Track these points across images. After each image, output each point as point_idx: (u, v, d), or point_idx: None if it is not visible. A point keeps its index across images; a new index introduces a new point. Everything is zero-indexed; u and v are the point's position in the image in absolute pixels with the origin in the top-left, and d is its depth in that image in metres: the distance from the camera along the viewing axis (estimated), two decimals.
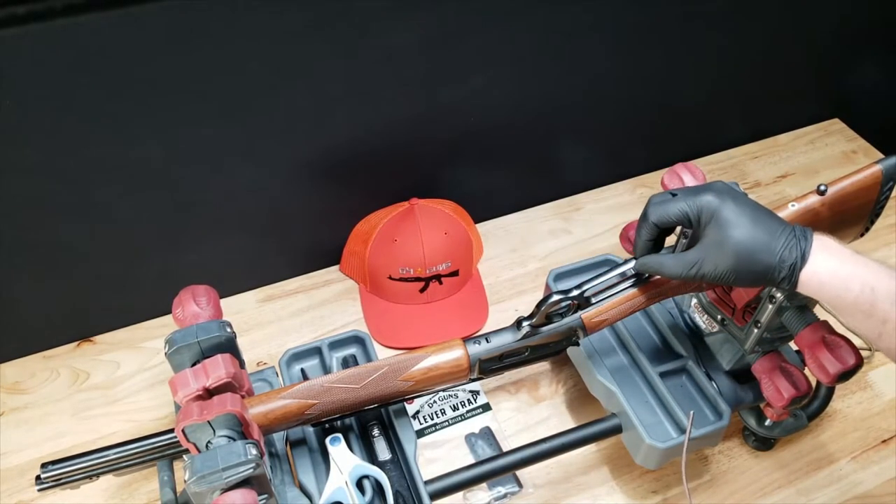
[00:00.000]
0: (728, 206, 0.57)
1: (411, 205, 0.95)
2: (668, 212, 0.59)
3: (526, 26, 0.87)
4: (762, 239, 0.56)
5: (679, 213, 0.59)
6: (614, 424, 0.74)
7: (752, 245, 0.56)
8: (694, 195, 0.59)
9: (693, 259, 0.58)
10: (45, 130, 0.72)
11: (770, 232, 0.56)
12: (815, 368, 0.69)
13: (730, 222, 0.56)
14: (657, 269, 0.62)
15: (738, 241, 0.56)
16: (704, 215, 0.58)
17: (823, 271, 0.54)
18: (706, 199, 0.58)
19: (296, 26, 0.75)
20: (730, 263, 0.56)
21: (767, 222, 0.57)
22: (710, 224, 0.57)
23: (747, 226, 0.56)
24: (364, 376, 0.64)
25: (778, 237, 0.56)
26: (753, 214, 0.57)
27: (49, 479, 0.61)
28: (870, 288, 0.52)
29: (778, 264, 0.55)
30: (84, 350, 0.93)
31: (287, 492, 0.67)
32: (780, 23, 1.06)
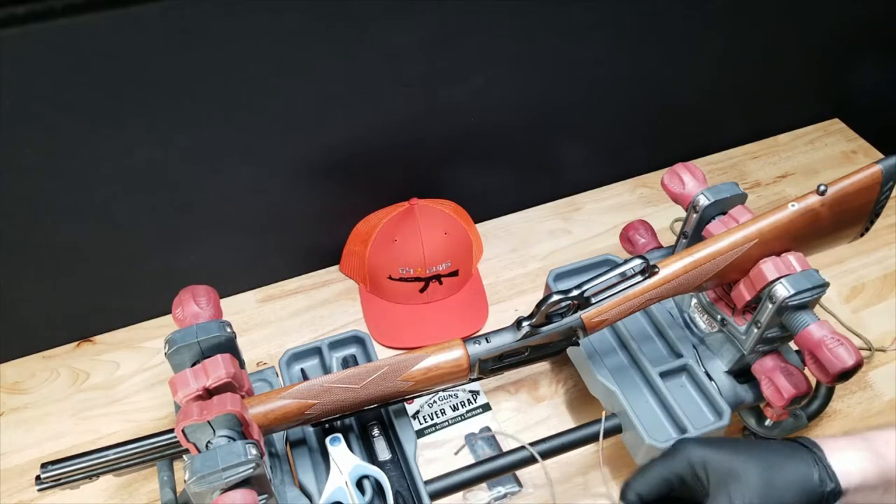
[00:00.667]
0: (713, 445, 0.53)
1: (411, 205, 0.95)
2: (649, 482, 0.54)
3: (526, 26, 0.87)
4: (770, 450, 0.52)
5: (664, 471, 0.54)
6: (614, 424, 0.74)
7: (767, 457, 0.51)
8: (670, 456, 0.54)
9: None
10: (45, 130, 0.72)
11: (771, 444, 0.53)
12: (814, 368, 0.69)
13: (727, 455, 0.52)
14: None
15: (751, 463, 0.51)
16: (698, 467, 0.52)
17: (850, 459, 0.52)
18: (688, 453, 0.53)
19: (296, 26, 0.75)
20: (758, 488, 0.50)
21: (766, 444, 0.53)
22: (710, 471, 0.52)
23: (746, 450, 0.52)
24: (364, 376, 0.64)
25: (780, 446, 0.52)
26: (741, 442, 0.54)
27: (49, 480, 0.61)
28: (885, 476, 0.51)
29: (807, 462, 0.51)
30: (84, 350, 0.93)
31: (287, 492, 0.67)
32: (780, 23, 1.06)
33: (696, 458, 0.52)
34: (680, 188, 0.76)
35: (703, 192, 0.73)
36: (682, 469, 0.53)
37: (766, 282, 0.67)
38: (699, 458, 0.52)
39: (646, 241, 0.86)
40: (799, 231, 0.67)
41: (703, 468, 0.52)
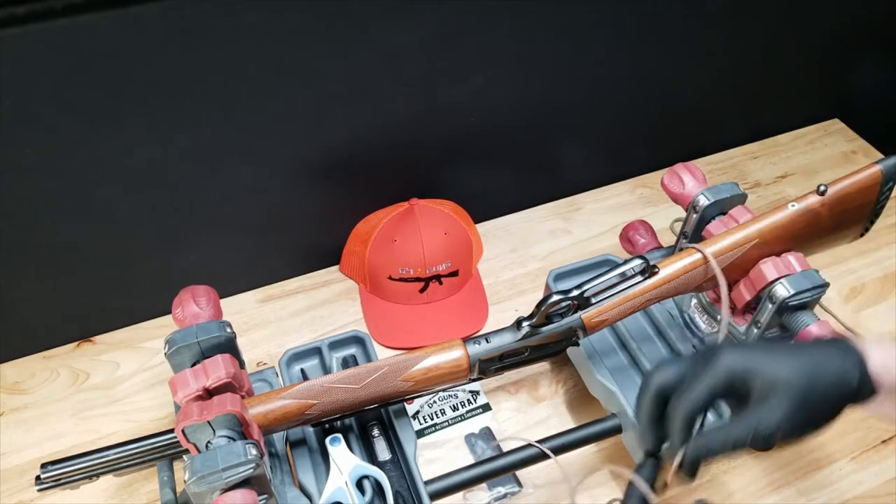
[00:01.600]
0: (755, 354, 0.51)
1: (411, 205, 0.95)
2: (697, 399, 0.51)
3: (526, 26, 0.87)
4: (810, 356, 0.50)
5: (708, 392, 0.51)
6: (614, 424, 0.74)
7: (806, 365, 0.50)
8: (708, 362, 0.51)
9: (749, 426, 0.49)
10: (45, 130, 0.72)
11: (812, 347, 0.51)
12: None
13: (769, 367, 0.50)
14: (710, 451, 0.51)
15: (791, 374, 0.49)
16: (738, 378, 0.50)
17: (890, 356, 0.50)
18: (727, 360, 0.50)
19: (296, 26, 0.75)
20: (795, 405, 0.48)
21: (803, 345, 0.52)
22: (750, 383, 0.50)
23: (787, 356, 0.50)
24: (364, 376, 0.64)
25: (823, 347, 0.51)
26: (781, 345, 0.52)
27: (49, 480, 0.61)
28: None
29: (842, 368, 0.49)
30: (84, 350, 0.93)
31: (287, 492, 0.67)
32: (779, 23, 1.06)
33: (738, 369, 0.50)
34: (680, 188, 0.76)
35: (703, 193, 0.73)
36: (725, 381, 0.50)
37: (766, 282, 0.67)
38: (741, 368, 0.50)
39: (646, 242, 0.86)
40: (799, 231, 0.67)
41: (743, 379, 0.50)
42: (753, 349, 0.52)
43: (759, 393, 0.49)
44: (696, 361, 0.52)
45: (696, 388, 0.50)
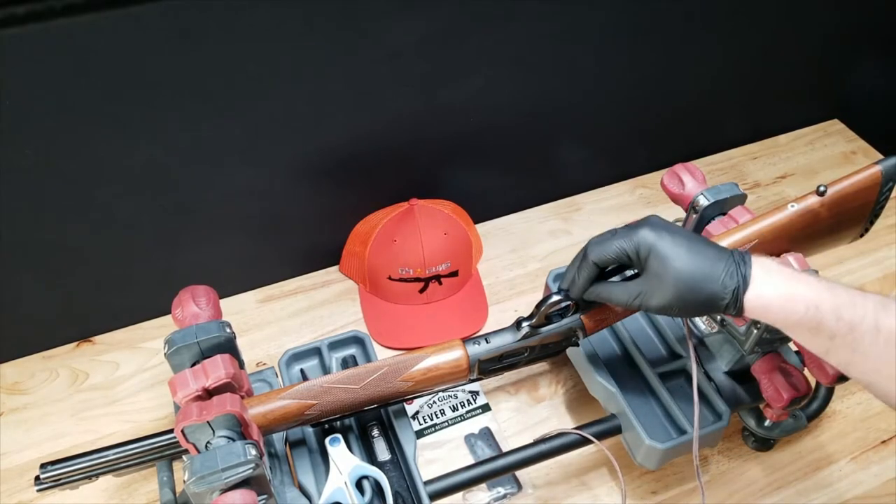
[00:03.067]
0: (664, 239, 0.57)
1: (411, 205, 0.95)
2: (607, 250, 0.60)
3: (526, 26, 0.87)
4: (702, 267, 0.56)
5: (618, 250, 0.59)
6: (614, 425, 0.74)
7: (692, 274, 0.56)
8: (631, 231, 0.59)
9: (636, 290, 0.59)
10: (45, 130, 0.72)
11: (709, 260, 0.57)
12: (814, 369, 0.69)
13: (667, 255, 0.57)
14: (607, 297, 0.62)
15: (678, 272, 0.56)
16: (642, 250, 0.58)
17: (768, 294, 0.55)
18: (642, 234, 0.58)
19: (296, 26, 0.75)
20: (672, 294, 0.57)
21: (705, 251, 0.57)
22: (649, 259, 0.58)
23: (685, 256, 0.57)
24: (363, 377, 0.64)
25: (717, 264, 0.56)
26: (690, 244, 0.58)
27: (48, 480, 0.61)
28: (814, 306, 0.53)
29: (721, 290, 0.56)
30: (83, 350, 0.93)
31: (286, 492, 0.67)
32: (779, 23, 1.06)
33: (646, 243, 0.58)
34: (679, 189, 0.76)
35: (702, 193, 0.73)
36: (633, 247, 0.58)
37: None
38: (648, 243, 0.58)
39: None
40: (798, 232, 0.67)
41: (647, 254, 0.58)
42: (668, 238, 0.58)
43: (652, 272, 0.58)
44: (626, 227, 0.60)
45: (610, 243, 0.59)
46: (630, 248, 0.59)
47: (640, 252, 0.58)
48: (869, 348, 0.51)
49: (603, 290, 0.62)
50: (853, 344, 0.52)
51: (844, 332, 0.52)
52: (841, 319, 0.52)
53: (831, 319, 0.52)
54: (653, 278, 0.58)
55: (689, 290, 0.56)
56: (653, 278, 0.58)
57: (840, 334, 0.52)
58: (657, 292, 0.57)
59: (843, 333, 0.52)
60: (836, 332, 0.52)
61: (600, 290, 0.63)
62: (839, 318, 0.52)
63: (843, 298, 0.53)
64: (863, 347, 0.52)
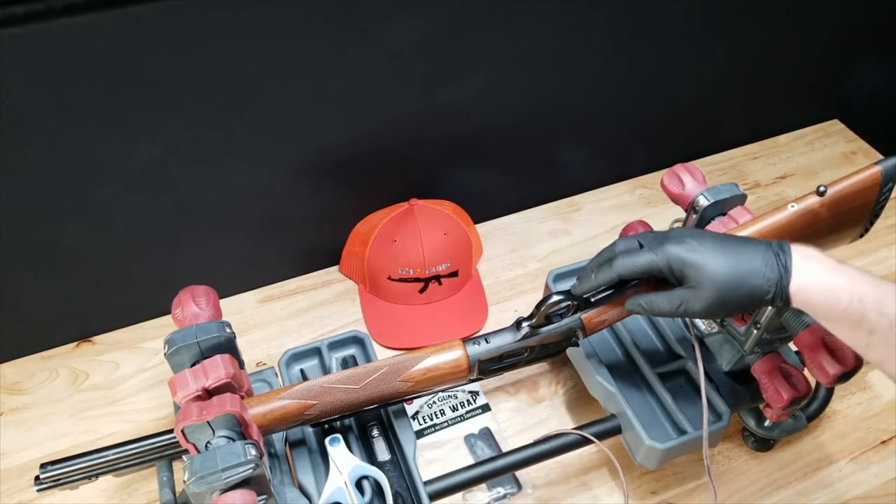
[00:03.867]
0: (694, 250, 0.57)
1: (411, 205, 0.95)
2: (635, 264, 0.60)
3: (526, 26, 0.87)
4: (739, 265, 0.56)
5: (647, 265, 0.59)
6: (614, 425, 0.74)
7: (731, 274, 0.56)
8: (659, 246, 0.59)
9: (679, 298, 0.59)
10: (45, 130, 0.72)
11: (746, 256, 0.57)
12: (814, 369, 0.69)
13: (701, 263, 0.57)
14: (648, 308, 0.62)
15: (716, 276, 0.56)
16: (675, 265, 0.58)
17: (811, 283, 0.55)
18: (669, 251, 0.58)
19: (295, 26, 0.75)
20: (715, 297, 0.57)
21: (740, 248, 0.57)
22: (684, 270, 0.58)
23: (719, 259, 0.57)
24: (363, 377, 0.64)
25: (755, 258, 0.56)
26: (722, 246, 0.58)
27: (48, 480, 0.61)
28: (858, 298, 0.53)
29: (764, 284, 0.55)
30: (83, 350, 0.93)
31: (286, 492, 0.67)
32: (780, 23, 1.06)
33: (677, 259, 0.58)
34: (679, 189, 0.76)
35: (702, 193, 0.73)
36: (664, 265, 0.58)
37: None
38: (680, 259, 0.57)
39: None
40: (798, 232, 0.67)
41: (681, 269, 0.58)
42: (697, 247, 0.58)
43: (691, 281, 0.57)
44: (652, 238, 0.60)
45: (639, 258, 0.59)
46: (662, 264, 0.58)
47: (672, 267, 0.58)
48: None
49: (644, 301, 0.62)
50: (893, 340, 0.51)
51: (885, 327, 0.51)
52: (883, 314, 0.51)
53: (874, 313, 0.52)
54: (694, 286, 0.57)
55: (731, 290, 0.56)
56: (694, 286, 0.57)
57: (880, 330, 0.52)
58: (700, 299, 0.57)
59: (883, 329, 0.52)
60: (877, 327, 0.52)
61: (641, 300, 0.62)
62: (882, 313, 0.52)
63: (886, 290, 0.52)
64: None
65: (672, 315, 0.61)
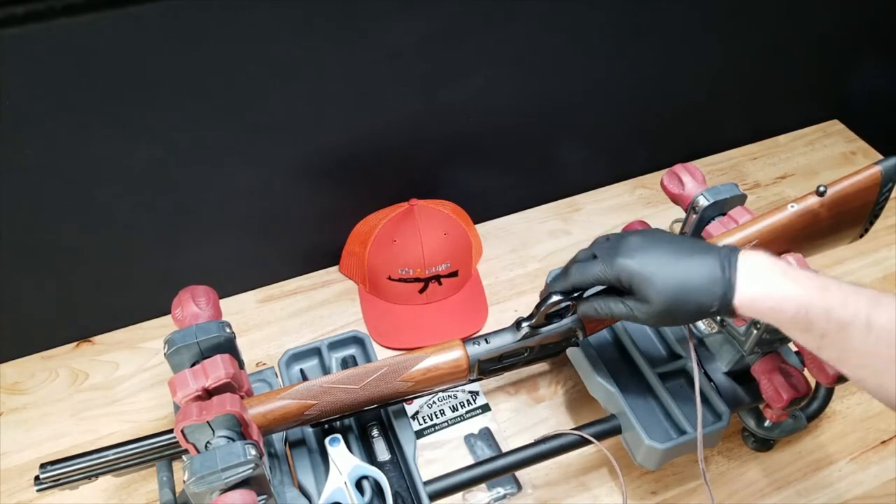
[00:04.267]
0: (643, 264, 0.58)
1: (411, 205, 0.95)
2: (585, 276, 0.61)
3: (526, 26, 0.87)
4: (685, 281, 0.57)
5: (597, 277, 0.60)
6: (614, 425, 0.74)
7: (676, 291, 0.57)
8: (611, 259, 0.60)
9: (630, 308, 0.60)
10: (45, 130, 0.72)
11: (693, 270, 0.57)
12: (814, 369, 0.69)
13: (648, 279, 0.57)
14: (605, 312, 0.62)
15: (663, 291, 0.57)
16: (623, 278, 0.59)
17: (756, 296, 0.55)
18: (619, 264, 0.59)
19: (295, 26, 0.75)
20: (661, 310, 0.58)
21: (689, 261, 0.58)
22: (632, 283, 0.59)
23: (667, 274, 0.57)
24: (363, 377, 0.64)
25: (701, 272, 0.56)
26: (671, 258, 0.58)
27: (48, 480, 0.61)
28: (804, 309, 0.53)
29: (707, 300, 0.56)
30: (83, 350, 0.92)
31: (286, 492, 0.67)
32: (779, 23, 1.06)
33: (626, 272, 0.59)
34: (679, 189, 0.76)
35: (702, 193, 0.73)
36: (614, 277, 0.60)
37: None
38: (628, 272, 0.58)
39: None
40: (798, 232, 0.67)
41: (629, 280, 0.59)
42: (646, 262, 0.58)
43: (639, 293, 0.58)
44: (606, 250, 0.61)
45: (590, 270, 0.61)
46: (612, 276, 0.59)
47: (622, 279, 0.59)
48: (860, 345, 0.51)
49: (598, 304, 0.63)
50: (844, 342, 0.52)
51: (835, 330, 0.52)
52: (831, 319, 0.52)
53: (822, 320, 0.52)
54: (641, 299, 0.59)
55: (677, 304, 0.57)
56: (641, 299, 0.59)
57: (830, 333, 0.52)
58: (647, 310, 0.58)
59: (833, 332, 0.52)
60: (827, 331, 0.52)
61: (596, 304, 0.63)
62: (829, 319, 0.52)
63: (834, 297, 0.52)
64: (853, 344, 0.52)
65: (625, 319, 0.62)
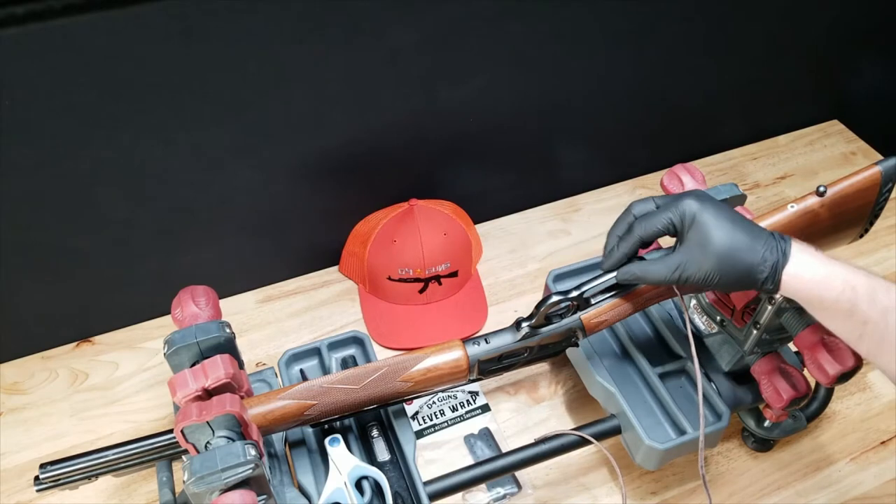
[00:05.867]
0: (708, 210, 0.58)
1: (410, 205, 0.95)
2: (655, 224, 0.60)
3: (526, 26, 0.87)
4: (743, 239, 0.57)
5: (665, 222, 0.60)
6: (613, 425, 0.74)
7: (734, 244, 0.57)
8: (675, 202, 0.60)
9: (676, 262, 0.59)
10: (45, 130, 0.72)
11: (751, 233, 0.58)
12: (814, 370, 0.69)
13: (710, 224, 0.58)
14: (642, 276, 0.62)
15: (721, 241, 0.57)
16: (687, 219, 0.59)
17: (805, 270, 0.55)
18: (687, 204, 0.59)
19: (295, 26, 0.75)
20: (713, 264, 0.57)
21: (747, 225, 0.58)
22: (692, 228, 0.58)
23: (728, 227, 0.58)
24: (363, 377, 0.64)
25: (758, 238, 0.57)
26: (733, 218, 0.58)
27: (48, 480, 0.61)
28: (851, 287, 0.53)
29: (760, 263, 0.56)
30: (83, 350, 0.92)
31: (286, 492, 0.67)
32: (779, 24, 1.06)
33: (690, 212, 0.58)
34: (679, 189, 0.76)
35: None
36: (678, 216, 0.59)
37: None
38: (692, 213, 0.58)
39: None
40: (798, 232, 0.67)
41: (691, 222, 0.58)
42: (711, 209, 0.58)
43: (693, 242, 0.58)
44: (669, 198, 0.62)
45: (659, 217, 0.60)
46: (675, 217, 0.59)
47: (684, 220, 0.59)
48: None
49: (638, 268, 0.62)
50: (885, 331, 0.52)
51: (878, 317, 0.52)
52: (876, 303, 0.52)
53: (866, 302, 0.52)
54: (694, 248, 0.58)
55: (730, 259, 0.57)
56: (694, 248, 0.58)
57: (873, 320, 0.52)
58: (697, 262, 0.58)
59: (876, 319, 0.52)
60: (870, 317, 0.52)
61: (634, 269, 0.62)
62: (874, 302, 0.52)
63: (879, 282, 0.53)
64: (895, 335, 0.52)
65: (666, 282, 0.60)
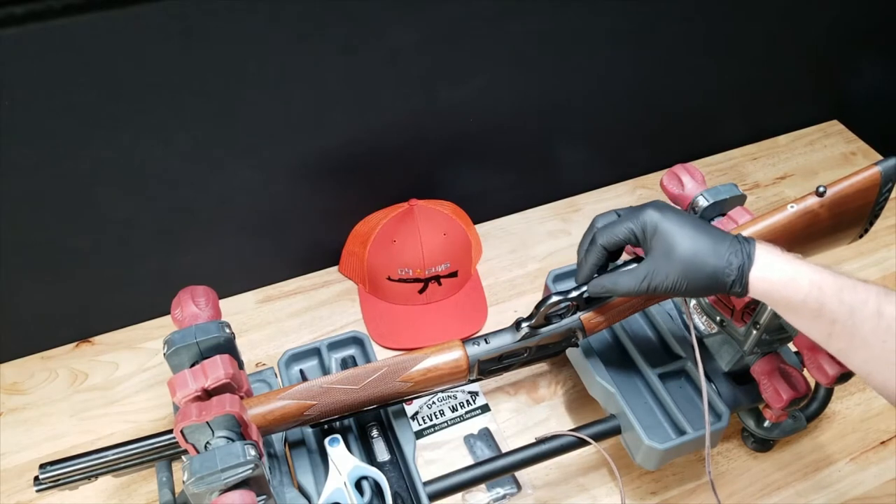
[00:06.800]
0: (669, 218, 0.59)
1: (410, 205, 0.95)
2: (616, 233, 0.61)
3: (526, 26, 0.87)
4: (707, 244, 0.58)
5: (626, 231, 0.61)
6: (613, 426, 0.74)
7: (698, 250, 0.57)
8: (636, 212, 0.61)
9: (644, 272, 0.60)
10: (45, 130, 0.72)
11: (714, 238, 0.58)
12: (814, 370, 0.69)
13: (673, 232, 0.58)
14: (613, 288, 0.63)
15: (684, 248, 0.58)
16: (648, 229, 0.59)
17: (772, 271, 0.56)
18: (648, 214, 0.60)
19: (295, 26, 0.75)
20: (679, 271, 0.58)
21: (710, 230, 0.59)
22: (655, 237, 0.59)
23: (690, 233, 0.58)
24: (363, 377, 0.64)
25: (721, 242, 0.58)
26: (695, 224, 0.59)
27: (47, 480, 0.61)
28: (818, 286, 0.53)
29: (726, 266, 0.57)
30: (83, 350, 0.92)
31: (286, 493, 0.67)
32: (779, 24, 1.06)
33: (651, 222, 0.59)
34: (679, 189, 0.76)
35: (702, 194, 0.73)
36: (640, 226, 0.60)
37: None
38: (654, 222, 0.59)
39: None
40: (798, 232, 0.67)
41: (653, 232, 0.59)
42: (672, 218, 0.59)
43: (657, 251, 0.59)
44: (630, 209, 0.62)
45: (620, 227, 0.61)
46: (637, 227, 0.60)
47: (646, 231, 0.59)
48: (869, 335, 0.51)
49: (607, 280, 0.63)
50: (853, 329, 0.52)
51: (845, 316, 0.52)
52: (843, 302, 0.52)
53: (834, 301, 0.52)
54: (659, 257, 0.59)
55: (695, 265, 0.57)
56: (659, 257, 0.59)
57: (841, 319, 0.52)
58: (664, 270, 0.58)
59: (843, 318, 0.52)
60: (838, 316, 0.52)
61: (604, 281, 0.63)
62: (841, 301, 0.52)
63: (845, 281, 0.53)
64: (863, 333, 0.52)
65: (636, 293, 0.61)
